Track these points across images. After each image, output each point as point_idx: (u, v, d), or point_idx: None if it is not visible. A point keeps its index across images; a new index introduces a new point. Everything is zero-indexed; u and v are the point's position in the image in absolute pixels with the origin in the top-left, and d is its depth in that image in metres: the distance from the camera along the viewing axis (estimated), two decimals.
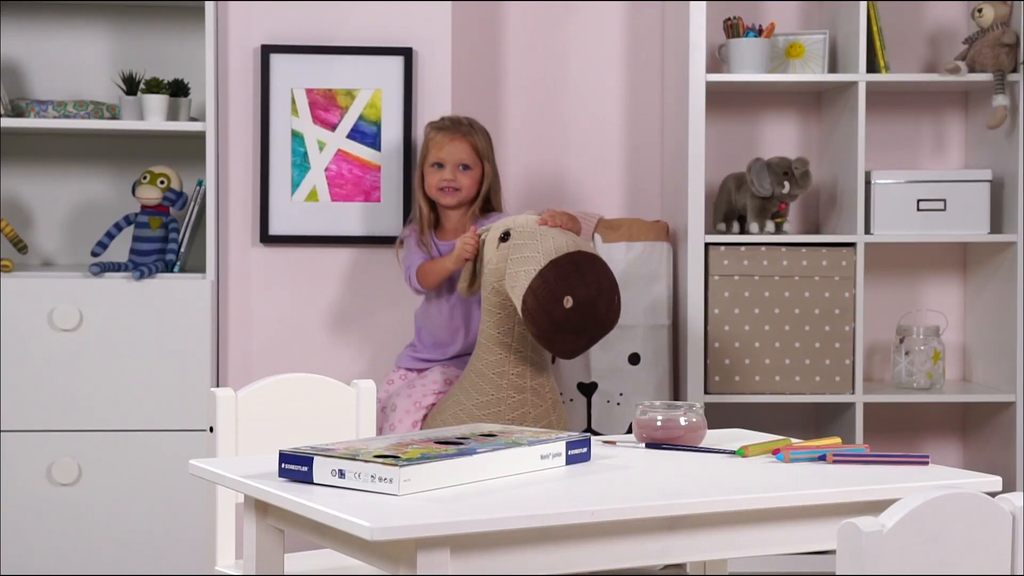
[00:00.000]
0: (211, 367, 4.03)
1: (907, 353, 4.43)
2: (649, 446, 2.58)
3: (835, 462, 2.43)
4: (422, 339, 4.01)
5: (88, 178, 4.33)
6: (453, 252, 3.81)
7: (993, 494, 1.87)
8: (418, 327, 4.03)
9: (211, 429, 2.75)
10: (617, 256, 4.36)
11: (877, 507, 2.22)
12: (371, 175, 4.19)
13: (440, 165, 3.94)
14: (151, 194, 4.10)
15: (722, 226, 4.43)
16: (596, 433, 4.32)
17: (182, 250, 4.11)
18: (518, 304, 3.49)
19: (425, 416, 3.84)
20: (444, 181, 3.93)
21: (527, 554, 2.04)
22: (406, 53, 4.17)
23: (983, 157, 4.53)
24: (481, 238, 3.71)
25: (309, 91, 4.17)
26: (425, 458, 2.14)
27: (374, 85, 4.18)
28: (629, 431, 4.26)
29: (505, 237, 3.59)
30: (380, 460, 2.11)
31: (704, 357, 4.27)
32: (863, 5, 4.27)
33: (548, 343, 3.50)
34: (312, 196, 4.17)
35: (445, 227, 4.00)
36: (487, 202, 3.98)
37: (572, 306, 3.43)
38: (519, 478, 2.26)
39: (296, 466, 2.19)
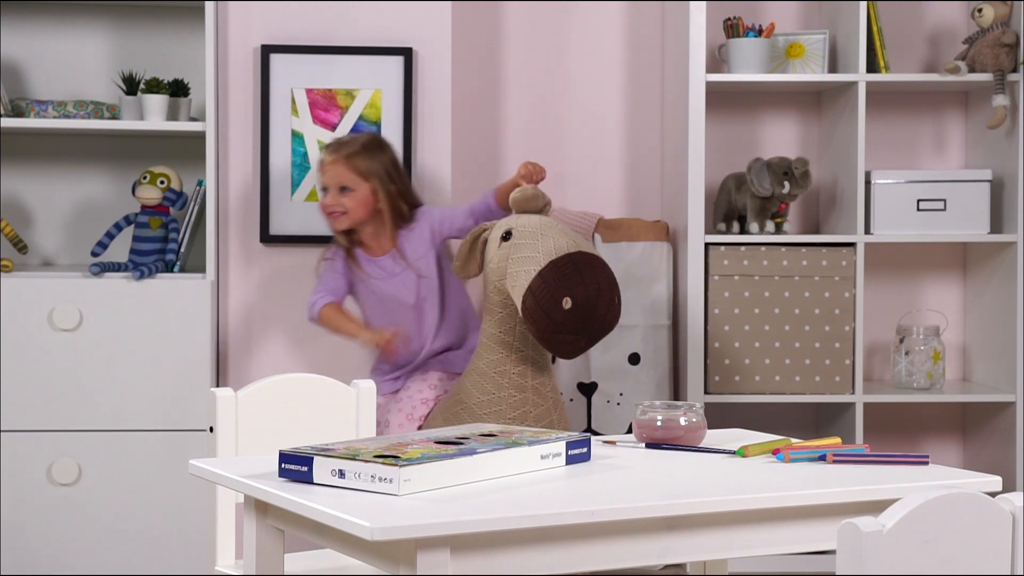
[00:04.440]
0: (211, 367, 4.03)
1: (907, 353, 4.43)
2: (649, 446, 2.58)
3: (835, 462, 2.43)
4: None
5: (88, 178, 4.33)
6: (366, 331, 3.80)
7: (993, 494, 1.87)
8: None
9: (211, 429, 2.75)
10: (617, 256, 4.36)
11: (877, 507, 2.22)
12: None
13: (325, 189, 3.91)
14: (151, 194, 4.10)
15: (722, 226, 4.43)
16: (596, 433, 4.32)
17: (182, 250, 4.11)
18: (518, 304, 3.50)
19: (420, 427, 3.83)
20: (326, 206, 3.88)
21: (527, 554, 2.04)
22: (406, 53, 4.17)
23: (983, 157, 4.53)
24: (482, 237, 3.70)
25: (309, 91, 4.17)
26: (425, 458, 2.14)
27: (374, 85, 4.18)
28: (629, 431, 4.26)
29: (507, 236, 3.59)
30: (380, 460, 2.11)
31: (704, 357, 4.27)
32: (863, 5, 4.27)
33: (548, 344, 3.50)
34: (312, 196, 4.17)
35: (364, 241, 3.93)
36: (401, 209, 3.88)
37: (571, 307, 3.43)
38: (519, 478, 2.26)
39: (296, 466, 2.19)
